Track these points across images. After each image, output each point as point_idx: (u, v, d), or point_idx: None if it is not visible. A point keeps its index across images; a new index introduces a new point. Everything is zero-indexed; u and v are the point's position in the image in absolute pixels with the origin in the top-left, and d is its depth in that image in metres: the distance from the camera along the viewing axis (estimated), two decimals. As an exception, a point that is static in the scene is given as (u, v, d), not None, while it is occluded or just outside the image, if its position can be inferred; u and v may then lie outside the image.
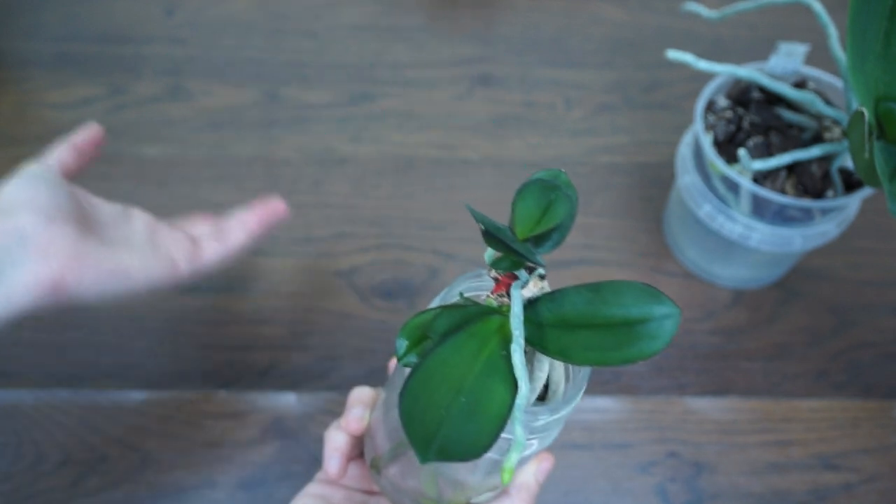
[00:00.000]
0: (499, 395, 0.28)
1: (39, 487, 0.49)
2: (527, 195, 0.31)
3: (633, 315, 0.28)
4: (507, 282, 0.31)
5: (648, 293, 0.29)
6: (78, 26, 0.73)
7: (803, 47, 0.52)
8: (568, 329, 0.30)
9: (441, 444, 0.27)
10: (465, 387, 0.28)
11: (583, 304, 0.30)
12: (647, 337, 0.28)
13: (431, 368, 0.28)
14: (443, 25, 0.75)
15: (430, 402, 0.27)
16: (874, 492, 0.51)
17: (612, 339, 0.28)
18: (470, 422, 0.27)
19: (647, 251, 0.61)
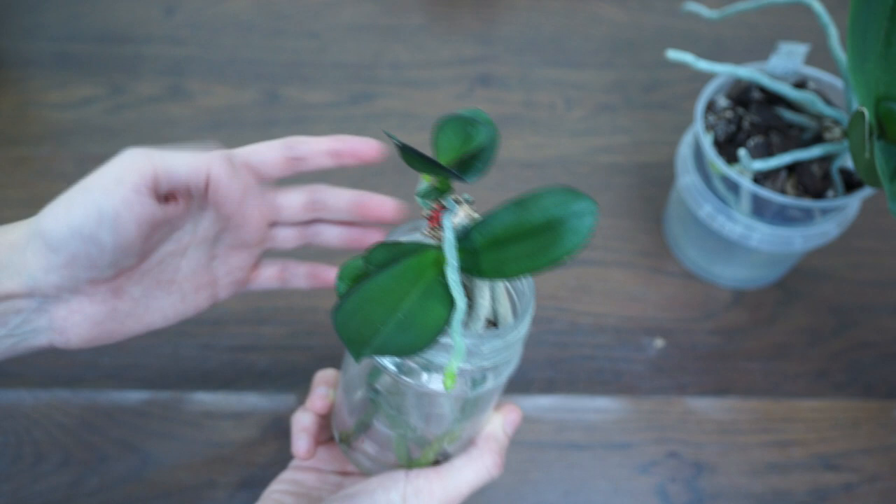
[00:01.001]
0: (435, 312, 0.30)
1: (39, 487, 0.49)
2: (446, 128, 0.32)
3: (554, 216, 0.30)
4: (439, 214, 0.32)
5: (567, 193, 0.30)
6: (78, 26, 0.73)
7: (803, 47, 0.52)
8: (499, 247, 0.31)
9: (377, 346, 0.29)
10: (403, 307, 0.30)
11: (510, 220, 0.31)
12: (569, 233, 0.29)
13: (368, 291, 0.30)
14: (443, 25, 0.75)
15: (365, 319, 0.29)
16: (874, 492, 0.51)
17: (538, 245, 0.30)
18: (406, 332, 0.29)
19: (647, 251, 0.61)
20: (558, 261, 0.29)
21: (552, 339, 0.56)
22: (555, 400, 0.54)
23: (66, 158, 0.64)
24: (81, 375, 0.53)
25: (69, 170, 0.64)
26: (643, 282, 0.60)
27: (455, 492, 0.37)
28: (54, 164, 0.64)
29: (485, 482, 0.38)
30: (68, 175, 0.64)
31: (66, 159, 0.64)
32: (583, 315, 0.58)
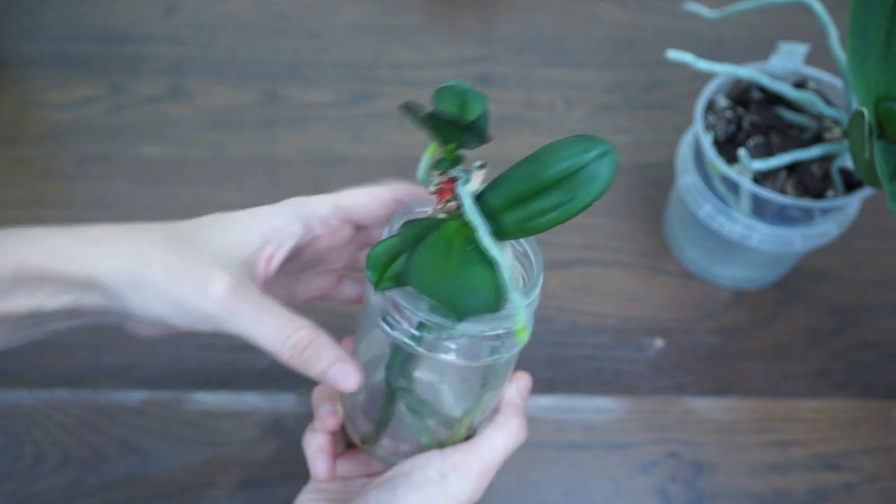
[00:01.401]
0: (483, 275, 0.30)
1: (39, 487, 0.49)
2: (442, 98, 0.32)
3: (572, 165, 0.30)
4: (449, 186, 0.32)
5: (581, 142, 0.30)
6: (78, 26, 0.73)
7: (803, 47, 0.52)
8: (519, 205, 0.31)
9: (460, 308, 0.29)
10: (453, 275, 0.30)
11: (527, 176, 0.31)
12: (591, 179, 0.30)
13: (419, 265, 0.29)
14: (443, 25, 0.75)
15: (439, 285, 0.29)
16: (874, 492, 0.51)
17: (561, 195, 0.30)
18: (472, 294, 0.29)
19: (647, 251, 0.61)
20: (586, 206, 0.30)
21: (552, 339, 0.56)
22: (555, 400, 0.54)
23: (66, 158, 0.64)
24: (81, 375, 0.53)
25: (69, 170, 0.64)
26: (643, 282, 0.60)
27: (492, 461, 0.37)
28: (54, 164, 0.64)
29: (516, 446, 0.38)
30: (68, 175, 0.64)
31: (66, 159, 0.64)
32: (583, 315, 0.58)
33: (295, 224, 0.36)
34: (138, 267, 0.33)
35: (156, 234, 0.35)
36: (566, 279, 0.59)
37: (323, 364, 0.34)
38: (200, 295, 0.33)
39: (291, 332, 0.33)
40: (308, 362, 0.34)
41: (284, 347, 0.33)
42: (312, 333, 0.34)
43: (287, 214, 0.36)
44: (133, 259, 0.34)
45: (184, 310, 0.33)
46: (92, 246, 0.34)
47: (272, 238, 0.35)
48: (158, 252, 0.34)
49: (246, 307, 0.33)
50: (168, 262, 0.33)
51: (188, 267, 0.33)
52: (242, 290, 0.33)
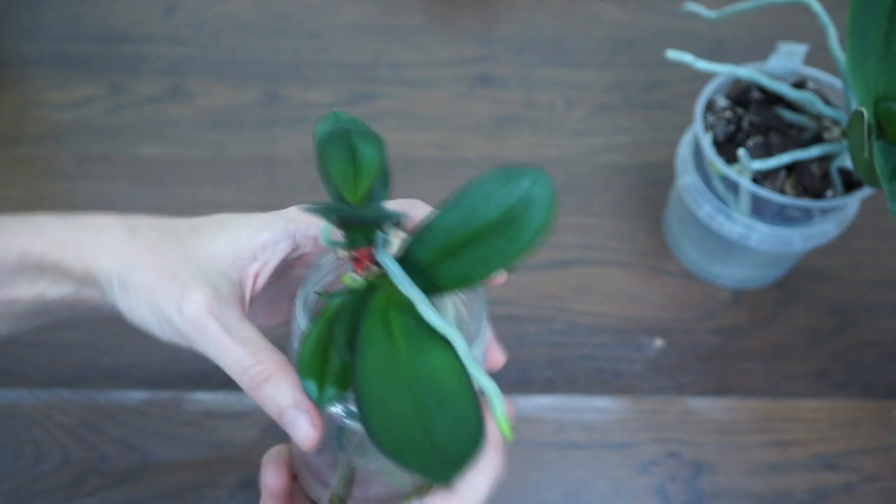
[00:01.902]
0: (442, 362, 0.26)
1: (39, 487, 0.49)
2: (330, 153, 0.28)
3: (505, 204, 0.27)
4: (367, 253, 0.29)
5: (505, 178, 0.27)
6: (78, 26, 0.73)
7: (803, 47, 0.52)
8: (452, 258, 0.28)
9: (443, 453, 0.25)
10: (410, 378, 0.26)
11: (455, 226, 0.27)
12: (530, 211, 0.26)
13: (370, 389, 0.25)
14: (443, 25, 0.75)
15: (403, 425, 0.25)
16: (874, 492, 0.51)
17: (498, 239, 0.27)
18: (444, 409, 0.25)
19: (647, 251, 0.61)
20: (532, 244, 0.27)
21: (552, 339, 0.57)
22: (554, 400, 0.54)
23: (66, 158, 0.64)
24: (81, 375, 0.53)
25: (69, 170, 0.64)
26: (643, 282, 0.60)
27: (475, 502, 0.35)
28: (54, 164, 0.64)
29: (495, 483, 0.37)
30: (68, 175, 0.64)
31: (66, 159, 0.64)
32: (582, 315, 0.58)
33: (284, 241, 0.35)
34: (127, 267, 0.33)
35: (152, 233, 0.34)
36: (565, 279, 0.59)
37: (279, 403, 0.31)
38: (176, 308, 0.32)
39: (253, 363, 0.31)
40: (264, 399, 0.31)
41: (244, 377, 0.31)
42: (275, 368, 0.31)
43: (278, 230, 0.34)
44: (124, 258, 0.33)
45: (162, 320, 0.32)
46: (92, 237, 0.34)
47: (260, 255, 0.34)
48: (148, 256, 0.33)
49: (214, 329, 0.32)
50: (153, 268, 0.33)
51: (170, 278, 0.32)
52: (216, 310, 0.32)
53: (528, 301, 0.58)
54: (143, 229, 0.34)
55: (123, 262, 0.33)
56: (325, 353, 0.28)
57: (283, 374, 0.31)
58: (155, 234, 0.34)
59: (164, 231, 0.34)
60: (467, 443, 0.25)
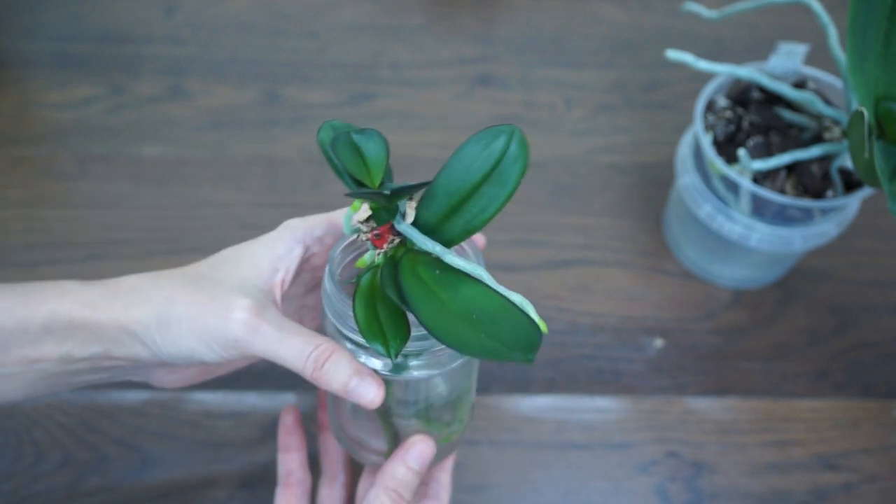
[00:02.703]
0: (475, 292, 0.31)
1: (39, 487, 0.49)
2: (341, 154, 0.32)
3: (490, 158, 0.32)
4: (385, 228, 0.33)
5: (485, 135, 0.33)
6: (78, 26, 0.73)
7: (803, 47, 0.52)
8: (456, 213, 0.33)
9: (517, 346, 0.30)
10: (458, 312, 0.31)
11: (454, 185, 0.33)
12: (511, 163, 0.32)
13: (439, 329, 0.30)
14: (443, 25, 0.75)
15: (477, 342, 0.30)
16: (874, 492, 0.51)
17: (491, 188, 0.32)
18: (497, 322, 0.31)
19: (647, 251, 0.61)
20: (515, 190, 0.32)
21: (552, 339, 0.57)
22: (555, 400, 0.54)
23: (66, 158, 0.64)
24: (81, 375, 0.53)
25: (69, 170, 0.64)
26: (643, 282, 0.60)
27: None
28: (54, 164, 0.64)
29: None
30: (68, 175, 0.64)
31: (66, 159, 0.64)
32: (583, 315, 0.58)
33: (296, 247, 0.38)
34: (165, 308, 0.35)
35: (177, 278, 0.37)
36: (566, 279, 0.59)
37: (342, 377, 0.35)
38: (225, 321, 0.34)
39: (312, 349, 0.35)
40: (328, 376, 0.35)
41: (307, 363, 0.35)
42: (332, 348, 0.35)
43: (288, 240, 0.38)
44: (159, 302, 0.35)
45: (211, 339, 0.35)
46: (121, 296, 0.36)
47: (279, 265, 0.37)
48: (182, 291, 0.36)
49: (269, 328, 0.35)
50: (192, 298, 0.35)
51: (211, 299, 0.35)
52: (264, 312, 0.35)
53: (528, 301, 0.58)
54: (167, 278, 0.37)
55: (159, 306, 0.35)
56: (376, 319, 0.32)
57: (339, 352, 0.35)
58: (181, 278, 0.37)
59: (187, 274, 0.37)
60: (529, 333, 0.30)
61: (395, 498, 0.38)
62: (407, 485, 0.38)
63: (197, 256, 0.39)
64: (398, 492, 0.38)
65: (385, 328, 0.32)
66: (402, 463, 0.38)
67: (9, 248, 0.59)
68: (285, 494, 0.44)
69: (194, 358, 0.35)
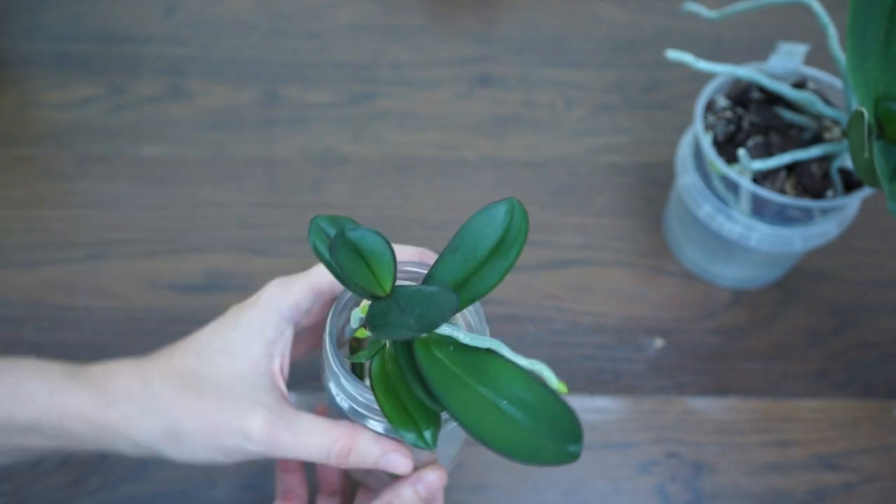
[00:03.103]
0: (496, 367, 0.32)
1: (39, 487, 0.49)
2: (343, 263, 0.31)
3: (496, 237, 0.33)
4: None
5: (490, 211, 0.33)
6: (78, 26, 0.73)
7: (803, 47, 0.52)
8: (462, 287, 0.33)
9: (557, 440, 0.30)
10: (487, 395, 0.31)
11: (465, 262, 0.33)
12: (514, 236, 0.33)
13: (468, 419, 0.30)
14: (443, 25, 0.75)
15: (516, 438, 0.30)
16: (874, 492, 0.51)
17: (496, 260, 0.33)
18: (531, 411, 0.30)
19: (647, 251, 0.61)
20: (518, 255, 0.33)
21: (552, 339, 0.57)
22: (554, 400, 0.54)
23: (66, 158, 0.65)
24: (81, 375, 0.53)
25: (69, 170, 0.64)
26: (643, 282, 0.60)
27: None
28: (54, 164, 0.64)
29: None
30: (68, 175, 0.64)
31: (66, 159, 0.64)
32: (582, 315, 0.58)
33: (287, 329, 0.37)
34: (171, 424, 0.35)
35: (170, 381, 0.36)
36: (565, 279, 0.59)
37: (370, 461, 0.35)
38: (243, 438, 0.34)
39: (331, 445, 0.35)
40: (357, 463, 0.35)
41: (330, 459, 0.35)
42: (350, 439, 0.35)
43: (276, 322, 0.36)
44: (163, 416, 0.35)
45: (228, 452, 0.35)
46: (113, 404, 0.36)
47: (274, 351, 0.36)
48: (183, 402, 0.35)
49: (286, 438, 0.35)
50: (199, 412, 0.35)
51: (219, 414, 0.35)
52: (277, 420, 0.35)
53: (528, 301, 0.58)
54: (157, 378, 0.36)
55: (161, 419, 0.35)
56: (402, 407, 0.32)
57: (357, 436, 0.35)
58: (175, 383, 0.36)
59: (178, 376, 0.36)
60: (568, 423, 0.30)
61: None
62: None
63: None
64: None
65: (414, 415, 0.32)
66: (411, 486, 0.37)
67: (9, 248, 0.59)
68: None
69: (213, 463, 0.36)
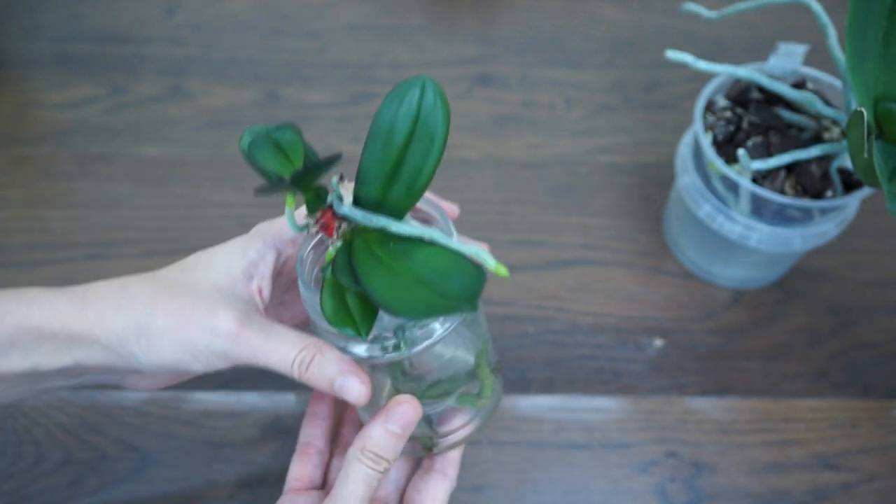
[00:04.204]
0: (428, 253, 0.31)
1: (39, 487, 0.49)
2: (258, 154, 0.31)
3: (408, 115, 0.32)
4: (328, 215, 0.33)
5: (396, 95, 0.31)
6: (78, 26, 0.73)
7: (803, 47, 0.52)
8: (393, 180, 0.32)
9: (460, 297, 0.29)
10: (412, 277, 0.30)
11: (381, 154, 0.32)
12: (431, 112, 0.32)
13: (390, 297, 0.29)
14: (443, 25, 0.75)
15: (425, 302, 0.29)
16: (874, 492, 0.51)
17: (419, 144, 0.32)
18: (448, 276, 0.30)
19: (647, 251, 0.61)
20: (445, 138, 0.32)
21: (552, 339, 0.57)
22: (554, 400, 0.54)
23: (66, 158, 0.65)
24: (81, 375, 0.53)
25: (69, 170, 0.64)
26: (643, 282, 0.60)
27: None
28: (54, 164, 0.64)
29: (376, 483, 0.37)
30: (68, 175, 0.64)
31: (66, 159, 0.64)
32: (582, 315, 0.58)
33: (269, 252, 0.38)
34: (144, 319, 0.34)
35: (150, 284, 0.36)
36: (565, 279, 0.59)
37: (328, 376, 0.35)
38: (211, 334, 0.34)
39: (297, 352, 0.35)
40: (315, 376, 0.35)
41: (293, 367, 0.35)
42: (316, 350, 0.35)
43: (260, 246, 0.37)
44: (135, 314, 0.35)
45: (196, 351, 0.34)
46: (91, 305, 0.35)
47: (255, 272, 0.37)
48: (159, 300, 0.35)
49: (255, 337, 0.35)
50: (172, 308, 0.35)
51: (192, 311, 0.35)
52: (248, 321, 0.35)
53: (528, 301, 0.58)
54: (139, 285, 0.36)
55: (135, 316, 0.35)
56: (343, 305, 0.32)
57: (324, 352, 0.35)
58: (155, 284, 0.36)
59: (159, 280, 0.36)
60: (474, 281, 0.29)
61: (374, 458, 0.36)
62: (386, 447, 0.36)
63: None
64: (376, 453, 0.36)
65: (353, 311, 0.32)
66: (381, 424, 0.36)
67: (9, 248, 0.59)
68: (301, 461, 0.42)
69: (179, 367, 0.35)
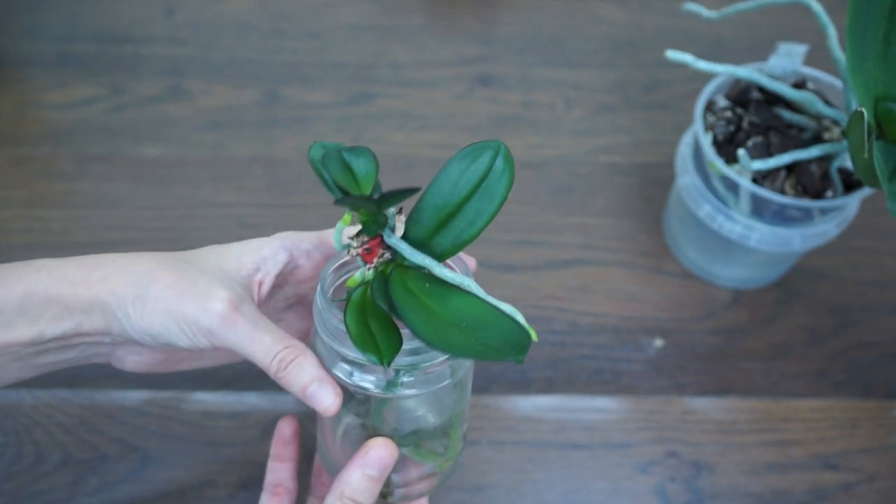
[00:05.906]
0: (465, 302, 0.32)
1: (39, 487, 0.49)
2: (330, 167, 0.33)
3: (476, 175, 0.33)
4: (375, 243, 0.33)
5: (472, 152, 0.33)
6: (78, 26, 0.73)
7: (803, 47, 0.52)
8: (444, 228, 0.34)
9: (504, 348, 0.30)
10: (449, 321, 0.31)
11: (441, 201, 0.34)
12: (497, 179, 0.33)
13: (430, 335, 0.30)
14: (443, 25, 0.75)
15: (466, 346, 0.31)
16: (874, 491, 0.51)
17: (478, 203, 0.33)
18: (487, 327, 0.31)
19: (647, 251, 0.61)
20: (502, 203, 0.33)
21: (552, 339, 0.57)
22: (554, 400, 0.54)
23: (66, 158, 0.65)
24: (81, 375, 0.53)
25: (69, 170, 0.64)
26: (643, 282, 0.60)
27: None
28: (54, 164, 0.64)
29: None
30: (68, 175, 0.64)
31: (66, 159, 0.64)
32: (582, 315, 0.58)
33: (282, 253, 0.38)
34: (143, 284, 0.35)
35: (159, 258, 0.37)
36: (565, 279, 0.59)
37: (304, 380, 0.35)
38: (202, 310, 0.34)
39: (280, 348, 0.35)
40: (290, 377, 0.35)
41: (273, 362, 0.35)
42: (298, 352, 0.35)
43: (276, 245, 0.38)
44: (138, 277, 0.35)
45: (184, 324, 0.35)
46: (98, 269, 0.36)
47: (262, 265, 0.38)
48: (163, 271, 0.35)
49: (243, 323, 0.35)
50: (172, 279, 0.35)
51: (191, 284, 0.35)
52: (241, 306, 0.35)
53: (528, 301, 0.58)
54: (149, 256, 0.37)
55: (138, 281, 0.35)
56: (368, 331, 0.33)
57: (305, 355, 0.35)
58: (163, 258, 0.37)
59: (170, 255, 0.37)
60: (518, 336, 0.31)
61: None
62: (363, 492, 0.37)
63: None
64: (354, 499, 0.37)
65: (377, 339, 0.32)
66: (359, 469, 0.37)
67: (9, 248, 0.59)
68: (271, 502, 0.43)
69: (164, 338, 0.35)
